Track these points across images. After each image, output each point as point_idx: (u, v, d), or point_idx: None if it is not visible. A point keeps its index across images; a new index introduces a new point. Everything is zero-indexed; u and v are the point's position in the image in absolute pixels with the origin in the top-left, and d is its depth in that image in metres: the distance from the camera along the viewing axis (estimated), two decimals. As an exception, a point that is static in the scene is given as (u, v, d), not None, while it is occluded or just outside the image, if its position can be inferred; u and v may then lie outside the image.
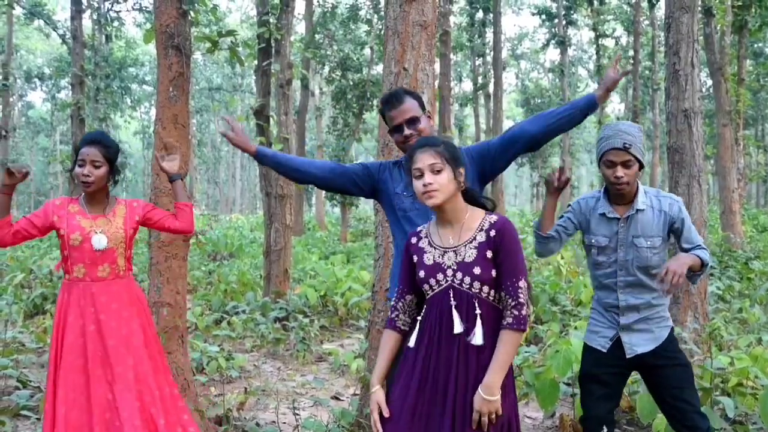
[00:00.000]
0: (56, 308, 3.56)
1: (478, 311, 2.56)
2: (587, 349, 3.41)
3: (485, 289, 2.59)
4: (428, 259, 2.67)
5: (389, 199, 3.29)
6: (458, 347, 2.56)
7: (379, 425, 2.63)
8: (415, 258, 2.71)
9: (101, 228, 3.53)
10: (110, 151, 3.57)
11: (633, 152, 3.14)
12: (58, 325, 3.52)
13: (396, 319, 2.78)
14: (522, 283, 2.56)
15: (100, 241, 3.50)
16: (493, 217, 2.65)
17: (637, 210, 3.23)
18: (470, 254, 2.59)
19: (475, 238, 2.61)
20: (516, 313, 2.53)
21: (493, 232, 2.59)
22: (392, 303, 2.81)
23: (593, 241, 3.33)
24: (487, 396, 2.48)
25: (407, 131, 3.17)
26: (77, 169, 3.51)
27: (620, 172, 3.16)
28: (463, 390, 2.54)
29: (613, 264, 3.28)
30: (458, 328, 2.56)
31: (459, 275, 2.59)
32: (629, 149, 3.13)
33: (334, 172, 3.35)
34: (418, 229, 2.81)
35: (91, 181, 3.49)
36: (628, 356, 3.26)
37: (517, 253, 2.59)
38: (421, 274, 2.66)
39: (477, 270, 2.57)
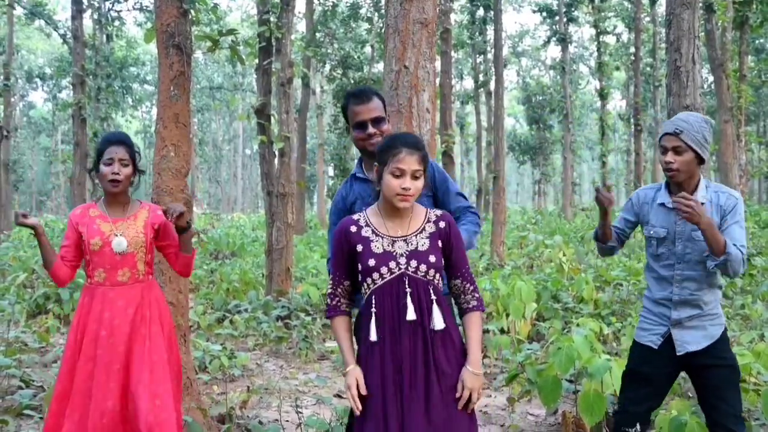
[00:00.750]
0: (77, 311, 3.50)
1: (433, 297, 2.65)
2: (636, 346, 3.38)
3: (437, 276, 2.70)
4: (377, 248, 2.69)
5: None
6: (419, 334, 2.63)
7: (357, 401, 2.65)
8: (360, 247, 2.71)
9: (121, 231, 3.48)
10: (135, 150, 3.55)
11: (683, 138, 3.11)
12: (76, 328, 3.46)
13: (339, 304, 2.82)
14: (470, 269, 2.81)
15: (120, 244, 3.45)
16: (438, 211, 2.80)
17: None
18: (423, 243, 2.69)
19: (425, 229, 2.72)
20: (477, 295, 2.77)
21: (442, 224, 2.74)
22: (330, 290, 2.83)
23: (652, 232, 3.30)
24: (476, 370, 2.64)
25: (371, 129, 3.17)
26: (104, 168, 3.43)
27: (670, 157, 3.14)
28: (434, 376, 2.61)
29: (672, 256, 3.25)
30: (411, 315, 2.62)
31: (414, 263, 2.66)
32: (680, 135, 3.11)
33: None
34: (354, 217, 2.80)
35: (120, 179, 3.44)
36: (678, 353, 3.23)
37: (463, 243, 2.81)
38: (371, 262, 2.68)
39: (432, 258, 2.67)
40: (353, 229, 2.75)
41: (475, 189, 39.08)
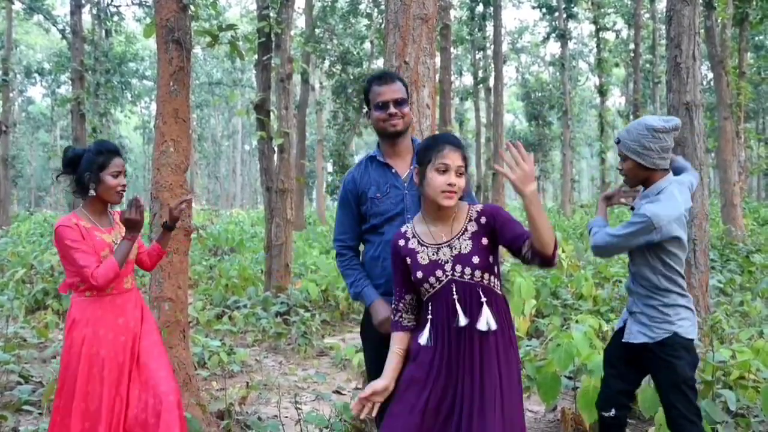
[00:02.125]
0: (74, 323, 3.37)
1: (483, 299, 2.60)
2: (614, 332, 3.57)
3: (486, 275, 2.63)
4: (423, 259, 2.68)
5: (365, 203, 3.20)
6: (471, 340, 2.59)
7: (367, 408, 2.67)
8: (409, 260, 2.71)
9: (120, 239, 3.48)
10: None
11: (620, 148, 3.35)
12: (81, 339, 3.35)
13: (401, 320, 2.80)
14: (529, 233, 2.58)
15: (132, 251, 3.51)
16: (478, 206, 2.73)
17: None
18: (466, 245, 2.63)
19: (466, 229, 2.66)
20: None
21: (483, 219, 2.66)
22: (393, 306, 2.84)
23: None
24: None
25: (393, 110, 3.14)
26: (111, 180, 3.40)
27: (620, 164, 3.41)
28: (470, 380, 2.57)
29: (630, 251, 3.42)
30: (462, 321, 2.59)
31: (459, 267, 2.62)
32: (618, 144, 3.36)
33: (355, 229, 3.26)
34: (402, 230, 2.80)
35: (124, 192, 3.47)
36: (623, 339, 3.36)
37: (513, 221, 2.65)
38: (419, 274, 2.67)
39: (476, 259, 2.61)
40: (401, 242, 2.75)
41: (474, 185, 39.05)
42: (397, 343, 2.78)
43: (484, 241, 2.63)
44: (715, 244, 13.28)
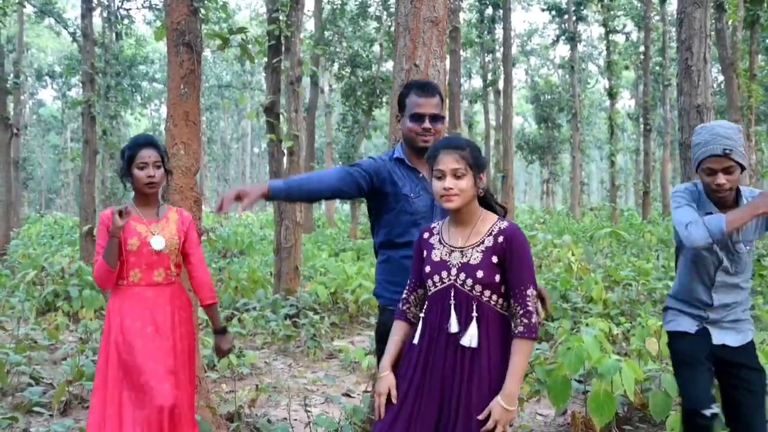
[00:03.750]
0: (109, 314, 3.50)
1: (474, 314, 2.57)
2: (676, 335, 3.30)
3: (486, 293, 2.60)
4: (435, 256, 2.69)
5: (396, 200, 3.16)
6: (457, 347, 2.59)
7: (383, 409, 2.65)
8: (425, 253, 2.74)
9: (157, 231, 3.53)
10: (165, 152, 3.61)
11: (734, 157, 2.95)
12: (109, 327, 3.46)
13: (407, 311, 2.82)
14: (530, 292, 2.59)
15: (158, 242, 3.49)
16: (504, 224, 2.66)
17: None
18: (476, 257, 2.61)
19: (483, 242, 2.63)
20: (526, 321, 2.55)
21: (501, 239, 2.61)
22: (404, 296, 2.83)
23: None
24: (507, 405, 2.49)
25: (428, 125, 3.10)
26: (139, 173, 3.46)
27: (722, 179, 2.98)
28: (457, 391, 2.56)
29: (714, 263, 3.17)
30: (454, 327, 2.59)
31: (462, 276, 2.61)
32: (730, 155, 2.94)
33: (344, 180, 3.14)
34: (432, 225, 2.83)
35: (156, 181, 3.49)
36: (714, 342, 3.19)
37: (525, 261, 2.61)
38: (427, 269, 2.70)
39: (480, 273, 2.58)
40: (426, 235, 2.79)
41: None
42: (399, 332, 2.79)
43: (494, 259, 2.60)
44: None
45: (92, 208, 13.48)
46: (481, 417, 2.50)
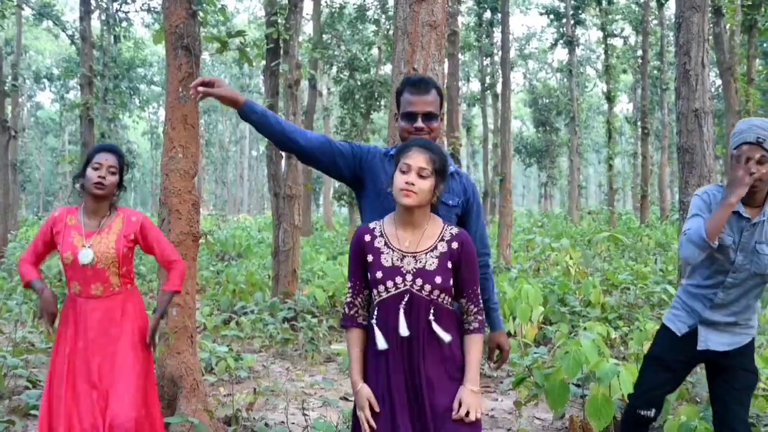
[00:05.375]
0: (60, 321, 3.53)
1: (431, 317, 2.62)
2: (663, 330, 3.39)
3: (443, 296, 2.65)
4: (386, 261, 2.66)
5: (376, 192, 3.01)
6: (417, 351, 2.61)
7: (372, 421, 2.62)
8: (371, 257, 2.68)
9: (90, 244, 3.45)
10: (124, 161, 3.57)
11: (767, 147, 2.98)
12: (59, 339, 3.51)
13: (356, 315, 2.75)
14: (478, 290, 2.74)
15: (86, 256, 3.42)
16: (455, 229, 2.71)
17: None
18: (431, 263, 2.63)
19: (436, 248, 2.66)
20: (480, 318, 2.71)
21: (455, 245, 2.66)
22: (349, 299, 2.75)
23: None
24: (473, 387, 2.60)
25: (420, 123, 2.95)
26: (91, 173, 3.44)
27: (753, 167, 2.99)
28: (430, 390, 2.59)
29: (728, 263, 3.15)
30: (404, 331, 2.59)
31: (419, 281, 2.62)
32: (763, 144, 2.97)
33: (322, 147, 3.00)
34: (371, 226, 2.75)
35: (105, 184, 3.44)
36: (698, 348, 3.22)
37: (475, 263, 2.73)
38: (378, 275, 2.65)
39: (438, 279, 2.62)
40: (367, 238, 2.72)
41: (481, 191, 39.05)
42: (358, 344, 2.74)
43: (449, 264, 2.65)
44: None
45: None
46: (454, 412, 2.58)
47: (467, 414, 2.56)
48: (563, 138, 40.30)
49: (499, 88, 30.78)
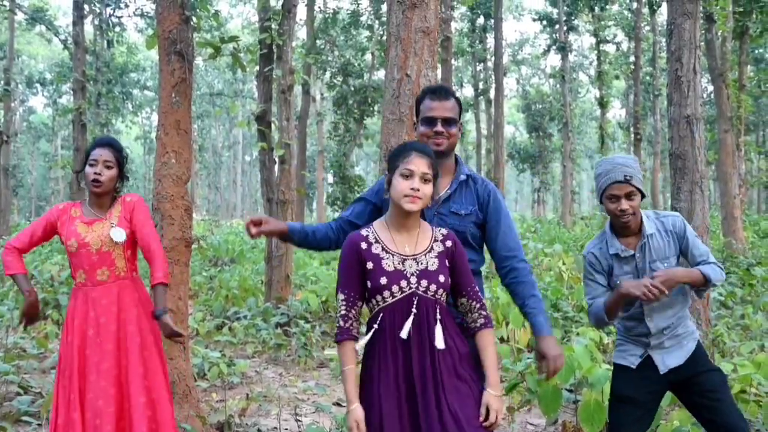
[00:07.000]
0: (67, 314, 3.55)
1: (438, 317, 2.63)
2: (618, 369, 3.37)
3: (445, 294, 2.69)
4: (388, 266, 2.65)
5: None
6: (426, 352, 2.61)
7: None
8: (371, 264, 2.66)
9: (95, 230, 3.51)
10: (121, 154, 3.61)
11: (634, 183, 3.14)
12: (66, 330, 3.52)
13: (351, 328, 2.70)
14: (476, 287, 2.79)
15: (119, 234, 3.50)
16: (443, 229, 2.78)
17: (648, 236, 3.21)
18: (433, 263, 2.67)
19: (433, 248, 2.70)
20: (485, 313, 2.77)
21: (449, 243, 2.73)
22: (343, 312, 2.71)
23: (618, 281, 3.23)
24: (497, 393, 2.63)
25: (440, 128, 2.99)
26: (88, 169, 3.50)
27: (625, 204, 3.16)
28: (438, 393, 2.58)
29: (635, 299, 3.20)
30: (405, 333, 2.60)
31: (424, 282, 2.64)
32: (630, 180, 3.14)
33: (345, 228, 3.14)
34: (363, 233, 2.74)
35: (102, 180, 3.48)
36: (662, 372, 3.23)
37: (467, 261, 2.79)
38: (383, 281, 2.63)
39: (441, 278, 2.66)
40: (363, 246, 2.69)
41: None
42: (353, 359, 2.71)
43: (447, 263, 2.70)
44: (716, 256, 13.24)
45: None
46: (482, 418, 2.60)
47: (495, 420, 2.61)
48: (556, 143, 40.41)
49: (492, 94, 30.86)
